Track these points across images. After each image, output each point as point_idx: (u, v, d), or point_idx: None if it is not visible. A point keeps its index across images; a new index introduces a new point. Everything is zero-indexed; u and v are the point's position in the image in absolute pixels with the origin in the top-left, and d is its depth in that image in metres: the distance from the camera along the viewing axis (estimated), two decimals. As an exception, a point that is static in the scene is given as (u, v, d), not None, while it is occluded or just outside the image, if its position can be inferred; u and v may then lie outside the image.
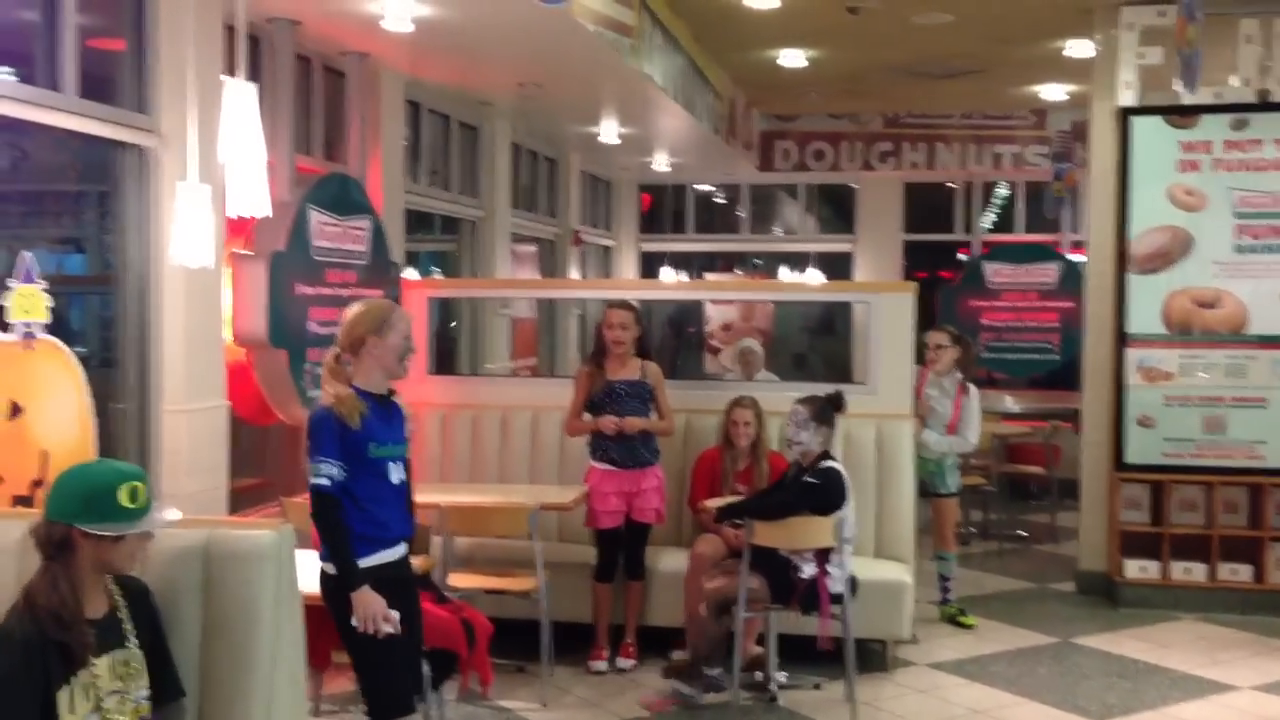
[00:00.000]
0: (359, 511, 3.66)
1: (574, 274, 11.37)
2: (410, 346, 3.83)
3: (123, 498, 2.65)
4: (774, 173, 13.14)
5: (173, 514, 2.79)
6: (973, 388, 6.54)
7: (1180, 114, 6.96)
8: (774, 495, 5.20)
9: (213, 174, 4.57)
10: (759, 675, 5.32)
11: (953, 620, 6.46)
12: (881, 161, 12.74)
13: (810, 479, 5.03)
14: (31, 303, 4.00)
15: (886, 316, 6.24)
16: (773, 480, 5.49)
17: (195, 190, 4.00)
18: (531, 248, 10.94)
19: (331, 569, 3.64)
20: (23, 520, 3.28)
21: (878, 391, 6.17)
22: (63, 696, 2.56)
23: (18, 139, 8.72)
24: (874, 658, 5.65)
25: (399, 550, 3.82)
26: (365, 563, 3.66)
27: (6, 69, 4.52)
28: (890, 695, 5.37)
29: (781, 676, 5.31)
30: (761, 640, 5.38)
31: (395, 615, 3.60)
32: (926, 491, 6.42)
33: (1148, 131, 7.00)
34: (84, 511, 2.64)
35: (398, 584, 3.76)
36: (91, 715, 2.59)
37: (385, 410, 3.78)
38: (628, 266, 13.83)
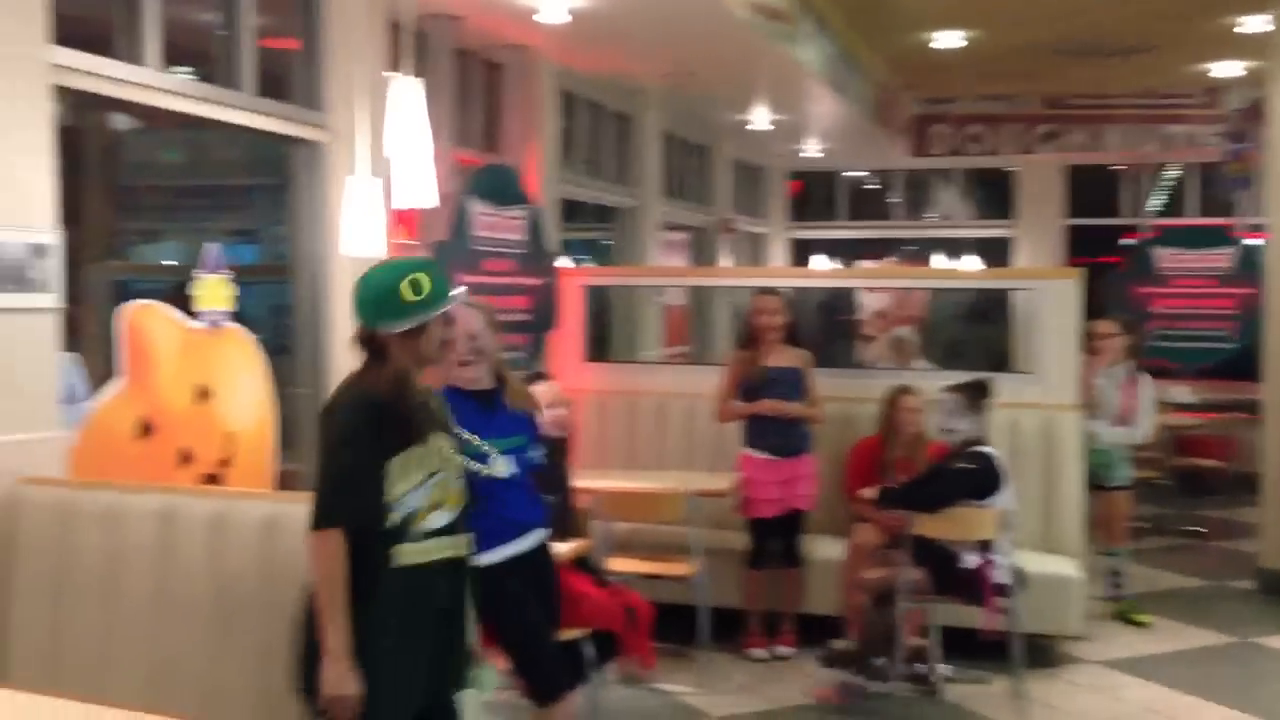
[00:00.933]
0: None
1: (725, 262, 11.34)
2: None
3: (406, 292, 2.84)
4: (928, 157, 12.86)
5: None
6: (1145, 376, 6.29)
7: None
8: (930, 485, 5.09)
9: (380, 167, 4.71)
10: (921, 667, 5.23)
11: (1124, 618, 6.23)
12: (1043, 144, 12.33)
13: (965, 464, 4.93)
14: (217, 292, 4.20)
15: (1051, 304, 6.05)
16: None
17: (364, 183, 4.14)
18: (683, 235, 10.96)
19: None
20: (213, 497, 3.46)
21: (1043, 381, 5.99)
22: (396, 463, 2.80)
23: (196, 136, 9.16)
24: (1042, 654, 5.48)
25: (530, 539, 3.76)
26: (493, 557, 3.55)
27: (186, 68, 4.74)
28: (1060, 692, 5.21)
29: (945, 669, 5.21)
30: (923, 632, 5.29)
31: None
32: (1096, 484, 6.19)
33: (1334, 106, 6.62)
34: (380, 314, 2.85)
35: (533, 570, 3.73)
36: (421, 486, 2.84)
37: (486, 406, 3.71)
38: (778, 254, 13.74)
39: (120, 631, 3.28)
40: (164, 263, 9.65)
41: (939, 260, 13.66)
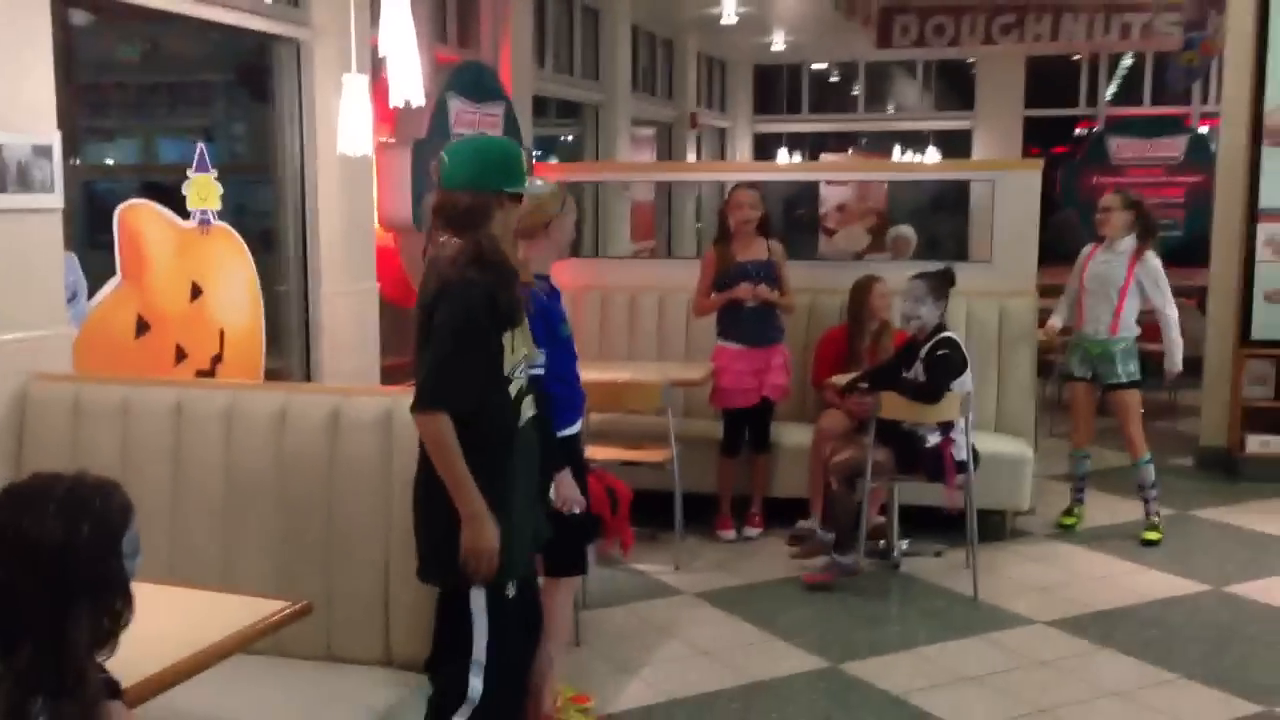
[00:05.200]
0: (566, 387, 3.74)
1: (691, 157, 11.44)
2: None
3: (524, 162, 2.97)
4: (892, 49, 12.89)
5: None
6: (1150, 254, 5.81)
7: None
8: (929, 380, 5.10)
9: (363, 65, 4.78)
10: (882, 543, 5.53)
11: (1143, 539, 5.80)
12: (1004, 34, 12.38)
13: (942, 350, 5.11)
14: (207, 191, 4.31)
15: (1011, 194, 6.26)
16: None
17: (357, 82, 4.21)
18: (650, 131, 11.03)
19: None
20: (223, 390, 3.60)
21: (999, 269, 6.23)
22: (507, 338, 2.89)
23: (153, 30, 8.99)
24: (994, 528, 5.79)
25: (579, 424, 3.94)
26: (572, 431, 3.80)
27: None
28: (1009, 561, 5.56)
29: (904, 544, 5.52)
30: (883, 510, 5.59)
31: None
32: (1104, 383, 5.88)
33: (1289, -3, 6.78)
34: (505, 175, 2.92)
35: (574, 452, 3.89)
36: (521, 364, 2.95)
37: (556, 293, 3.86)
38: (743, 148, 13.82)
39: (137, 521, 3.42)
40: (128, 164, 9.57)
41: (898, 153, 13.82)
